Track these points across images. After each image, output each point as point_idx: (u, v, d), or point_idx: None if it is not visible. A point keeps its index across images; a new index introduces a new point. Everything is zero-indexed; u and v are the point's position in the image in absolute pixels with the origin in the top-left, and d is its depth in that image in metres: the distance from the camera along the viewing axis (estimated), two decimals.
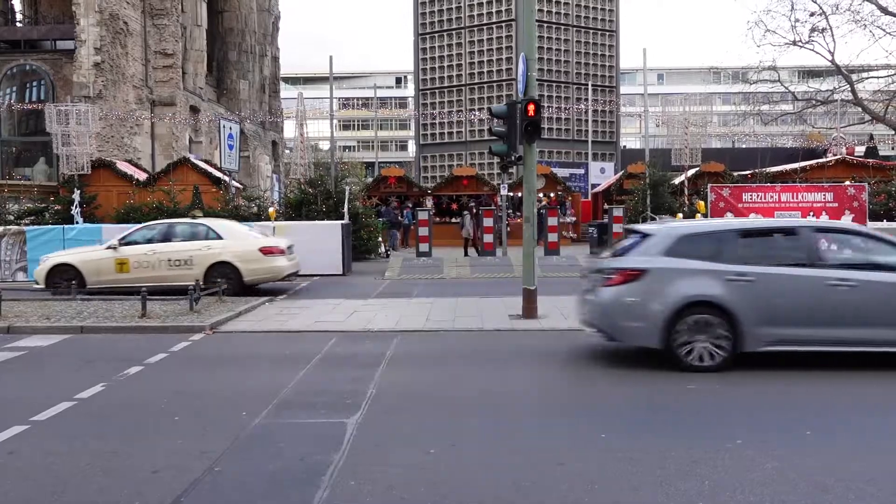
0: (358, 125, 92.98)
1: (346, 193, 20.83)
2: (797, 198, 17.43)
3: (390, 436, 5.56)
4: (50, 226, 19.36)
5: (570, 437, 5.50)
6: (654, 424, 5.77)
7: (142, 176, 25.55)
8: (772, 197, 17.46)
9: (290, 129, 54.53)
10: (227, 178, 24.09)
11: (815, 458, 4.97)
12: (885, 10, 32.93)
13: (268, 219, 18.55)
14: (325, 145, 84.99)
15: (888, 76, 35.13)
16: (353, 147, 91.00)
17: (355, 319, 10.99)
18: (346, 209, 20.37)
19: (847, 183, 18.99)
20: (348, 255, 18.88)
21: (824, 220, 15.75)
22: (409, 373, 7.72)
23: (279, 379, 7.37)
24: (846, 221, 17.29)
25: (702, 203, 17.84)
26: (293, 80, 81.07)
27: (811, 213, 17.35)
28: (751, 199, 17.48)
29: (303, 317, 11.30)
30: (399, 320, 10.87)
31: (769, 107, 37.73)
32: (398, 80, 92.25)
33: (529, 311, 10.91)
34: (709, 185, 18.04)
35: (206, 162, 27.38)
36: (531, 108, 10.62)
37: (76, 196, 21.28)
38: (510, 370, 7.82)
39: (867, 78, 36.62)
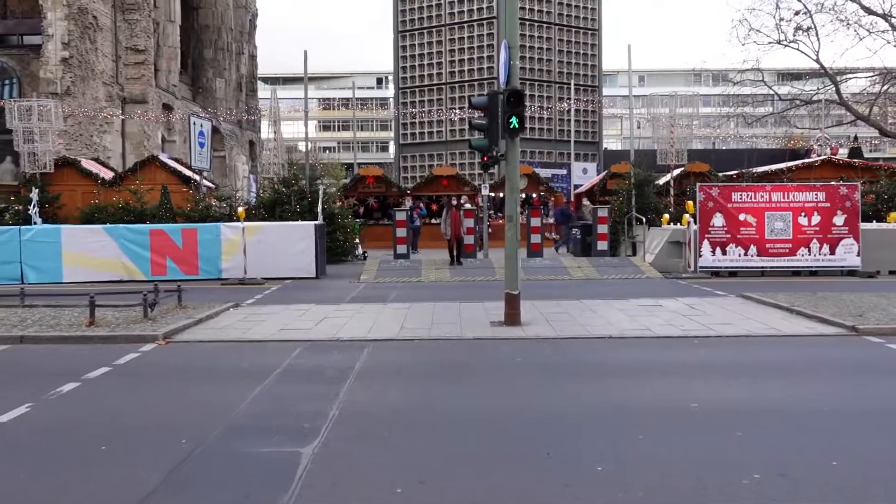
0: (338, 126, 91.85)
1: (320, 193, 19.96)
2: (788, 198, 16.77)
3: (350, 470, 4.76)
4: (7, 227, 18.31)
5: (562, 467, 4.72)
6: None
7: (108, 175, 24.54)
8: (762, 197, 16.79)
9: (267, 129, 53.63)
10: (197, 178, 23.16)
11: None
12: (868, 10, 32.63)
13: (238, 219, 17.64)
14: (304, 146, 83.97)
15: (872, 77, 34.85)
16: (334, 148, 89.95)
17: (324, 327, 10.17)
18: (319, 209, 19.50)
19: (839, 182, 18.39)
20: (322, 257, 18.02)
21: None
22: (378, 389, 6.92)
23: (231, 397, 6.54)
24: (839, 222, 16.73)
25: (690, 203, 17.17)
26: (272, 80, 79.93)
27: (802, 214, 16.73)
28: (741, 198, 16.80)
29: (268, 324, 10.46)
30: (371, 328, 10.07)
31: (752, 108, 37.37)
32: (379, 81, 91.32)
33: (512, 317, 10.14)
34: (697, 185, 17.35)
35: (177, 161, 26.40)
36: (514, 99, 9.87)
37: (34, 195, 20.23)
38: (492, 385, 7.04)
39: (851, 78, 36.32)
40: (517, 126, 9.90)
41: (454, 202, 19.52)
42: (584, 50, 39.25)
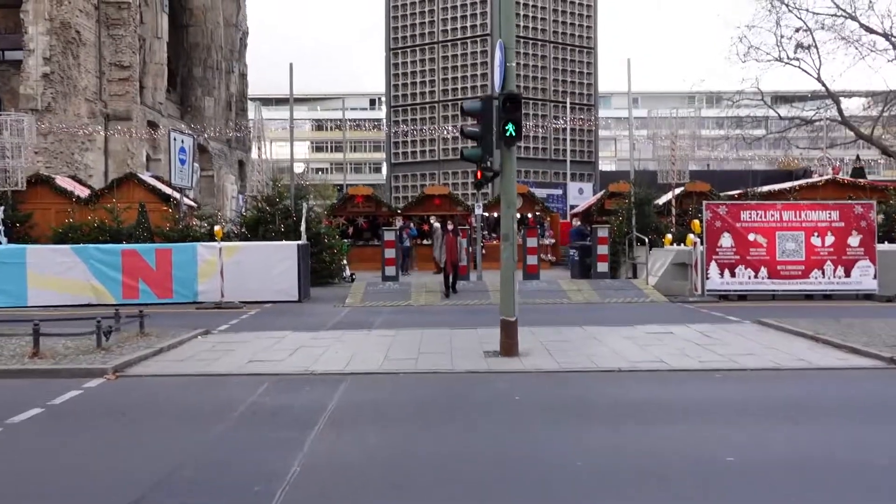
0: (331, 147, 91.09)
1: (304, 211, 18.92)
2: (800, 217, 15.81)
3: None
4: None
5: None
6: None
7: (84, 193, 23.43)
8: (773, 216, 15.82)
9: (253, 147, 52.66)
10: (177, 196, 22.09)
11: None
12: (868, 29, 32.05)
13: (214, 239, 16.56)
14: (297, 167, 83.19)
15: (875, 97, 34.24)
16: (327, 169, 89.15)
17: (298, 358, 9.08)
18: (303, 228, 18.45)
19: (850, 201, 17.45)
20: (305, 279, 16.95)
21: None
22: (351, 436, 5.83)
23: (175, 448, 5.47)
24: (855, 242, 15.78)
25: (697, 222, 16.19)
26: (265, 101, 79.33)
27: (815, 234, 15.76)
28: (750, 217, 15.83)
29: (236, 354, 9.36)
30: (351, 359, 8.98)
31: (751, 128, 36.70)
32: (372, 102, 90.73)
33: (509, 347, 9.08)
34: (704, 203, 16.39)
35: (158, 178, 25.35)
36: (510, 104, 8.88)
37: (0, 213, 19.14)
38: (486, 431, 5.96)
39: (853, 96, 35.70)
40: (514, 134, 8.92)
41: (450, 226, 17.37)
42: (580, 68, 38.51)
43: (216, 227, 16.83)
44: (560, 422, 6.20)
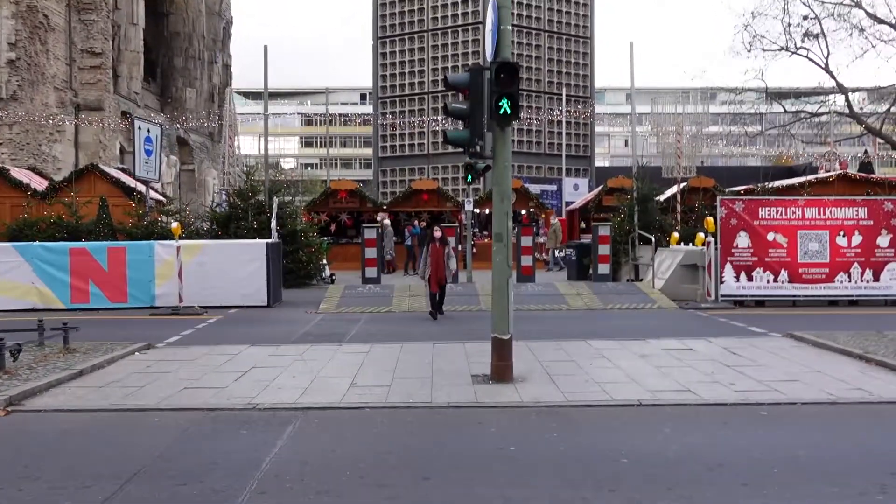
0: (321, 142, 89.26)
1: (275, 206, 17.23)
2: (824, 214, 14.27)
3: None
4: None
5: None
6: None
7: (42, 185, 21.66)
8: (794, 213, 14.26)
9: (246, 145, 50.97)
10: (143, 189, 20.36)
11: None
12: (875, 18, 30.62)
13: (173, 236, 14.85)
14: (287, 163, 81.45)
15: (879, 90, 32.80)
16: (316, 165, 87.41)
17: (245, 383, 7.43)
18: (273, 225, 16.76)
19: (877, 197, 15.90)
20: (276, 281, 15.29)
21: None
22: None
23: None
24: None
25: (710, 220, 14.61)
26: (254, 95, 77.44)
27: (841, 233, 14.21)
28: (769, 214, 14.26)
29: (171, 378, 7.71)
30: (310, 385, 7.35)
31: (750, 123, 35.25)
32: (363, 97, 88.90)
33: (501, 371, 7.47)
34: (719, 199, 14.80)
35: (124, 171, 23.61)
36: (505, 75, 7.26)
37: None
38: None
39: (858, 90, 34.25)
40: (509, 111, 7.29)
41: (437, 233, 13.60)
42: (576, 59, 36.88)
43: (174, 224, 15.11)
44: (573, 493, 4.56)
